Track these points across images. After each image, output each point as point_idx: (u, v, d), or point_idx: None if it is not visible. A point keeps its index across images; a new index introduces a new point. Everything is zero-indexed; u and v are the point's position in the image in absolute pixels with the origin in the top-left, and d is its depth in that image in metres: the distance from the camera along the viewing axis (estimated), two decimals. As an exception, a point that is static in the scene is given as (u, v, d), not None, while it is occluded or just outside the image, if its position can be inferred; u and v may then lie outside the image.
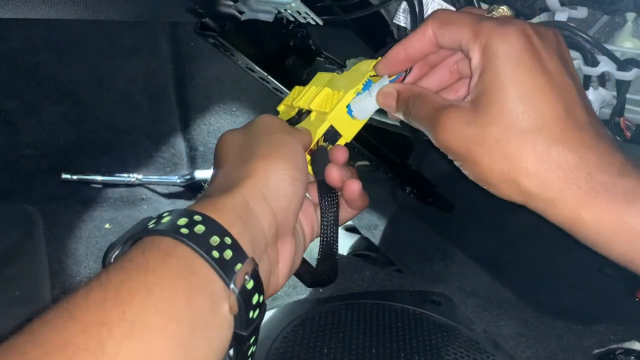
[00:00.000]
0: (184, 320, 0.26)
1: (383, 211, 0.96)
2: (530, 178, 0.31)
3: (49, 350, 0.23)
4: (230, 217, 0.31)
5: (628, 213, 0.29)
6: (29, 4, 0.54)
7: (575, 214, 0.30)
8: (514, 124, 0.31)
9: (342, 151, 0.41)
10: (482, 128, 0.32)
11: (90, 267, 0.74)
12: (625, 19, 0.41)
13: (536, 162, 0.30)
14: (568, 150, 0.30)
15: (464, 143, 0.33)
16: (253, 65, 0.62)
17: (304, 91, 0.46)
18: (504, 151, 0.31)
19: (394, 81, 0.41)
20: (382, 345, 0.59)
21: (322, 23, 0.56)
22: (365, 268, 0.79)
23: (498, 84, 0.31)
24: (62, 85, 0.84)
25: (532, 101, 0.31)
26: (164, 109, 0.94)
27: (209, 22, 0.57)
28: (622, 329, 0.67)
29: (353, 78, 0.43)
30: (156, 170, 0.94)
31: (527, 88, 0.31)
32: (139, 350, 0.24)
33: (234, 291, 0.29)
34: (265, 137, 0.37)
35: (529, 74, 0.31)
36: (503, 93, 0.31)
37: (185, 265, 0.28)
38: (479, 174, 0.33)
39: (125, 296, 0.25)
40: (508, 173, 0.31)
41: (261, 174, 0.34)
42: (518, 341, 0.67)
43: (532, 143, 0.31)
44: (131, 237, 0.30)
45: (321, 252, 0.40)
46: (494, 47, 0.32)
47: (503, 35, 0.32)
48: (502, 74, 0.31)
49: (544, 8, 0.40)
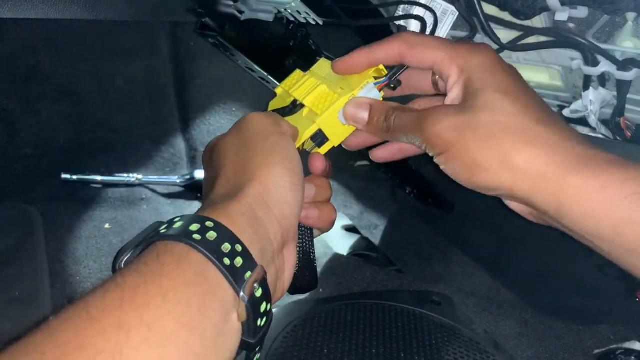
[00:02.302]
0: (196, 327, 0.26)
1: (383, 211, 0.96)
2: (519, 153, 0.32)
3: (69, 352, 0.23)
4: (241, 224, 0.31)
5: (611, 180, 0.30)
6: (29, 3, 0.54)
7: (562, 186, 0.31)
8: (501, 109, 0.34)
9: (320, 161, 0.41)
10: (472, 115, 0.34)
11: (90, 267, 0.74)
12: (626, 19, 0.41)
13: (524, 139, 0.32)
14: (551, 130, 0.33)
15: (455, 128, 0.34)
16: (253, 65, 0.62)
17: (303, 79, 0.44)
18: (493, 131, 0.33)
19: (378, 84, 0.41)
20: (382, 345, 0.59)
21: (322, 23, 0.56)
22: (365, 268, 0.79)
23: (481, 85, 0.35)
24: (62, 85, 0.84)
25: (514, 93, 0.34)
26: (164, 109, 0.94)
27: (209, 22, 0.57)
28: (622, 329, 0.67)
29: (351, 80, 0.42)
30: (156, 170, 0.94)
31: (507, 85, 0.35)
32: (154, 355, 0.25)
33: (244, 299, 0.29)
34: (260, 142, 0.37)
35: (506, 76, 0.36)
36: (487, 90, 0.35)
37: (198, 272, 0.28)
38: (468, 158, 0.34)
39: (141, 300, 0.25)
40: (498, 151, 0.33)
41: (262, 182, 0.34)
42: (518, 341, 0.67)
43: (520, 123, 0.33)
44: (143, 240, 0.30)
45: (299, 261, 0.40)
46: (472, 62, 0.36)
47: (478, 53, 0.36)
48: (483, 78, 0.35)
49: (544, 8, 0.40)
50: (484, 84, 0.35)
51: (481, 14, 0.43)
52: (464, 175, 0.35)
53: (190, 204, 0.93)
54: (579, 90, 0.47)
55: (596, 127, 0.46)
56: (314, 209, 0.40)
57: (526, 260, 0.77)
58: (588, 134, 0.49)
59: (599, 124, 0.46)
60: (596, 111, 0.45)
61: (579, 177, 0.31)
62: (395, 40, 0.39)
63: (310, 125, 0.40)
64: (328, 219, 0.41)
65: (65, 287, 0.69)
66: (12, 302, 0.62)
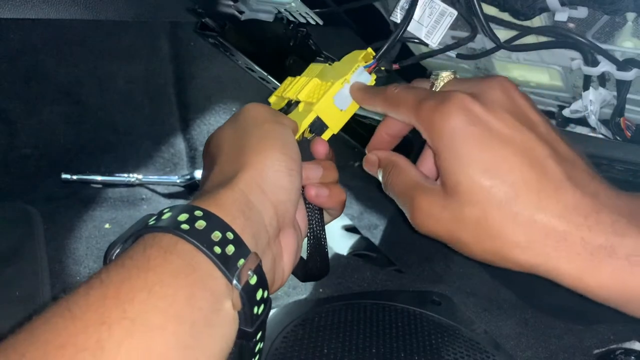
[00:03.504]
0: (184, 318, 0.26)
1: (383, 211, 0.96)
2: (525, 252, 0.29)
3: (48, 351, 0.23)
4: (232, 211, 0.31)
5: (634, 279, 0.27)
6: (29, 4, 0.54)
7: (579, 281, 0.28)
8: (488, 201, 0.29)
9: (323, 145, 0.41)
10: (458, 211, 0.30)
11: (90, 267, 0.74)
12: (626, 19, 0.41)
13: (524, 234, 0.28)
14: (552, 216, 0.28)
15: (445, 227, 0.31)
16: (253, 65, 0.62)
17: (294, 82, 0.45)
18: (487, 231, 0.29)
19: (367, 67, 0.41)
20: (382, 345, 0.59)
21: (322, 23, 0.56)
22: (365, 268, 0.79)
23: (457, 163, 0.30)
24: (62, 85, 0.84)
25: (497, 173, 0.29)
26: (164, 109, 0.94)
27: (208, 22, 0.57)
28: (622, 329, 0.67)
29: (343, 69, 0.42)
30: (156, 170, 0.94)
31: (487, 161, 0.29)
32: (138, 349, 0.24)
33: (237, 287, 0.28)
34: (255, 129, 0.36)
35: (484, 147, 0.29)
36: (465, 172, 0.29)
37: (187, 262, 0.27)
38: (472, 254, 0.31)
39: (125, 295, 0.25)
40: (501, 250, 0.29)
41: (257, 167, 0.33)
42: (518, 341, 0.67)
43: (512, 216, 0.28)
44: (132, 234, 0.30)
45: (310, 246, 0.40)
46: (439, 129, 0.31)
47: (444, 115, 0.30)
48: (458, 152, 0.30)
49: (544, 8, 0.40)
50: (462, 162, 0.29)
51: (481, 15, 0.43)
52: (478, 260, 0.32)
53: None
54: (579, 90, 0.47)
55: (596, 127, 0.46)
56: (323, 188, 0.39)
57: (526, 260, 0.77)
58: (588, 134, 0.49)
59: (599, 124, 0.46)
60: (596, 111, 0.45)
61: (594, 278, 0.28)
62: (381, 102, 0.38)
63: (307, 116, 0.41)
64: (338, 198, 0.40)
65: (65, 287, 0.69)
66: (12, 302, 0.62)
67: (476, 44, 0.51)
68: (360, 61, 0.42)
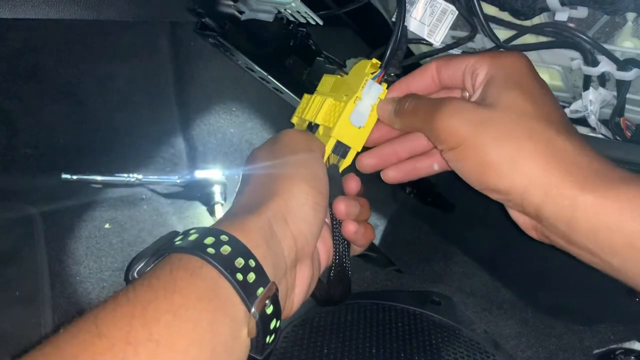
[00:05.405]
0: (206, 343, 0.26)
1: (383, 211, 0.96)
2: (537, 160, 0.32)
3: None
4: (256, 239, 0.31)
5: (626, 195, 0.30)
6: (29, 3, 0.54)
7: (575, 200, 0.31)
8: (524, 114, 0.33)
9: (355, 182, 0.42)
10: (492, 111, 0.33)
11: (90, 267, 0.74)
12: (625, 19, 0.41)
13: (543, 147, 0.32)
14: (570, 142, 0.32)
15: (472, 124, 0.33)
16: (253, 65, 0.62)
17: (311, 100, 0.46)
18: (511, 131, 0.32)
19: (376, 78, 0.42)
20: (382, 345, 0.59)
21: (322, 23, 0.56)
22: (365, 268, 0.79)
23: (507, 85, 0.35)
24: (62, 85, 0.84)
25: (539, 99, 0.34)
26: (164, 109, 0.94)
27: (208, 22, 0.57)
28: (622, 329, 0.67)
29: (353, 82, 0.43)
30: (156, 170, 0.93)
31: (533, 90, 0.35)
32: None
33: (254, 315, 0.29)
34: (290, 157, 0.37)
35: (533, 82, 0.35)
36: (512, 91, 0.34)
37: (210, 287, 0.28)
38: (480, 156, 0.33)
39: (152, 316, 0.25)
40: (517, 154, 0.32)
41: (284, 196, 0.34)
42: (518, 341, 0.67)
43: (540, 129, 0.32)
44: (157, 251, 0.30)
45: (334, 273, 0.40)
46: (502, 62, 0.36)
47: (510, 55, 0.37)
48: (510, 79, 0.35)
49: (544, 8, 0.40)
50: (510, 85, 0.34)
51: (481, 14, 0.43)
52: (474, 175, 0.34)
53: (190, 204, 0.93)
54: (579, 90, 0.47)
55: (596, 127, 0.46)
56: (360, 226, 0.40)
57: (526, 260, 0.77)
58: (588, 134, 0.49)
59: (599, 124, 0.46)
60: (596, 111, 0.45)
61: (594, 192, 0.30)
62: (432, 62, 0.40)
63: (328, 141, 0.41)
64: (369, 237, 0.42)
65: (65, 287, 0.69)
66: (12, 302, 0.62)
67: (476, 44, 0.51)
68: (368, 73, 0.42)
